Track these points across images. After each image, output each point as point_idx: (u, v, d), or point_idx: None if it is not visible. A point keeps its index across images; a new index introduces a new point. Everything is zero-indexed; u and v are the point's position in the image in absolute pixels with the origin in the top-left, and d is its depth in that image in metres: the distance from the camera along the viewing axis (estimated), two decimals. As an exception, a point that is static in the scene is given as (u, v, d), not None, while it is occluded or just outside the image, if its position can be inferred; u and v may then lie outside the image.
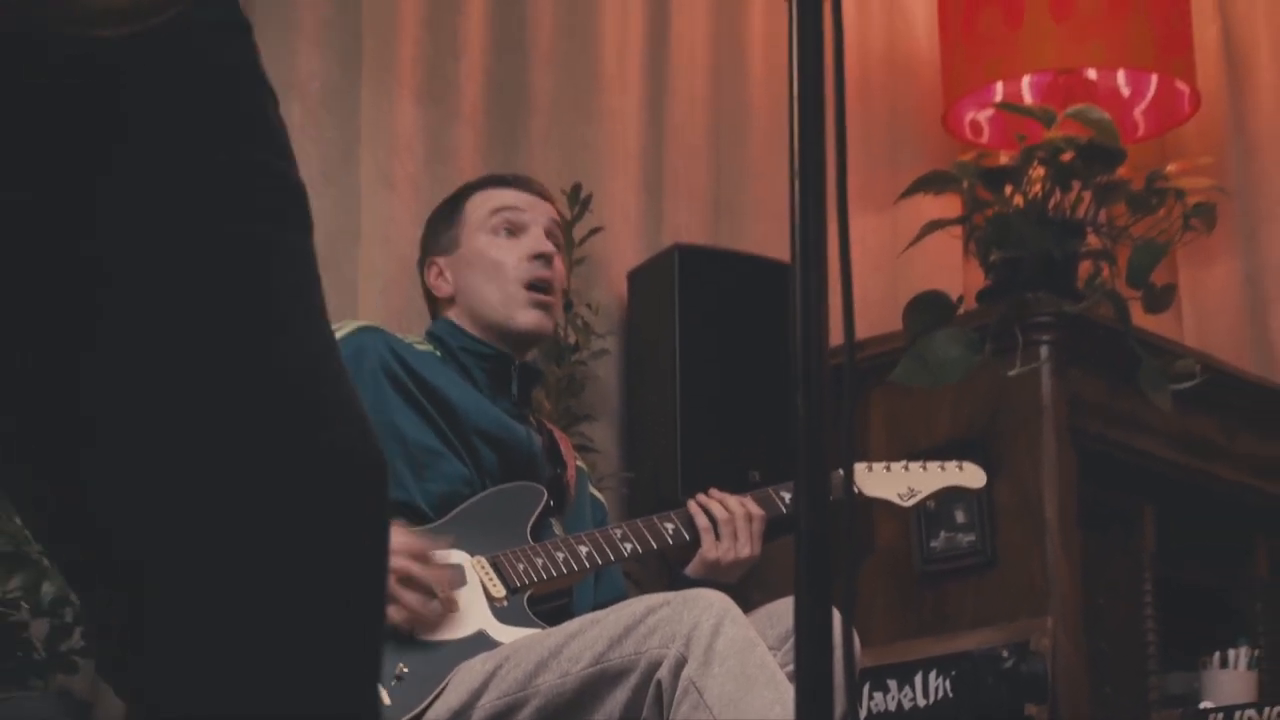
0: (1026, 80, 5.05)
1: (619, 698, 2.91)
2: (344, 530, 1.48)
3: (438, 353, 3.44)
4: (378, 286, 4.00)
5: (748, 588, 3.46)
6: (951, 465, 3.64)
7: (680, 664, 2.84)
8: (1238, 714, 3.92)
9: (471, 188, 3.62)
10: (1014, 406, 4.15)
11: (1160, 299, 4.21)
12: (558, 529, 3.39)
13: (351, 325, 3.37)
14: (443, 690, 3.03)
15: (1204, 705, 4.07)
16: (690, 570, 3.39)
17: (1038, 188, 4.31)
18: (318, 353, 1.60)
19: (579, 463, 3.62)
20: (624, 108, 4.56)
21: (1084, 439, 4.17)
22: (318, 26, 4.08)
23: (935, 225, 4.34)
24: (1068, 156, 4.24)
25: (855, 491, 3.24)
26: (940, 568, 4.21)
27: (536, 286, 3.46)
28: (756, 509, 3.41)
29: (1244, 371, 4.77)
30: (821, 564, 1.52)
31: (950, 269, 4.99)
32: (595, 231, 4.28)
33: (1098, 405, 4.23)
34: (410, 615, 3.06)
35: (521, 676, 2.97)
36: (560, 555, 3.25)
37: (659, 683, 2.86)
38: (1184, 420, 4.35)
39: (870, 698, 4.09)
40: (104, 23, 1.44)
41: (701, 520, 3.37)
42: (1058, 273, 4.27)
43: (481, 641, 3.10)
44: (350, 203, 4.05)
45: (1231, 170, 5.21)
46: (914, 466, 3.61)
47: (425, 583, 3.07)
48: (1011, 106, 4.78)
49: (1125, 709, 4.20)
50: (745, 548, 3.37)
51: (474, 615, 3.15)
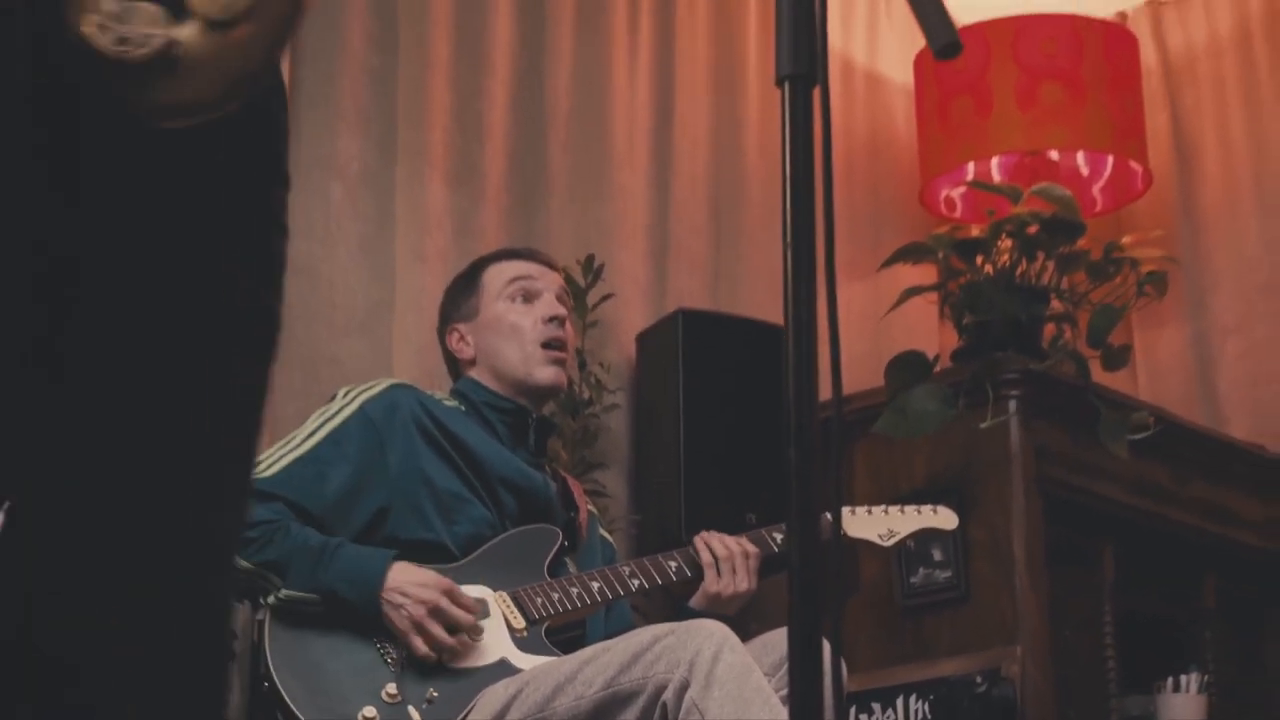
0: (995, 161, 5.06)
1: (629, 718, 2.91)
2: None
3: (463, 408, 3.44)
4: (411, 350, 4.01)
5: (745, 619, 3.44)
6: (927, 509, 3.64)
7: (684, 687, 2.83)
8: (1190, 734, 3.91)
9: (486, 260, 3.61)
10: (985, 455, 4.14)
11: (1117, 358, 4.21)
12: (572, 567, 3.39)
13: (386, 383, 3.38)
14: (469, 712, 3.03)
15: (1159, 726, 4.07)
16: (693, 603, 3.38)
17: (1006, 258, 4.31)
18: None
19: (590, 507, 3.62)
20: (632, 186, 4.57)
21: (1049, 484, 4.16)
22: (357, 114, 4.09)
23: (913, 291, 4.34)
24: (1033, 229, 4.25)
25: (841, 533, 3.24)
26: (919, 601, 4.19)
27: (552, 345, 3.46)
28: (752, 548, 3.40)
29: (1193, 423, 4.76)
30: (812, 598, 1.52)
31: (927, 331, 4.99)
32: (607, 297, 4.28)
33: (1061, 454, 4.22)
34: (439, 646, 3.05)
35: (540, 699, 2.97)
36: (575, 590, 3.24)
37: (665, 704, 2.85)
38: (1139, 467, 4.34)
39: (856, 719, 4.08)
40: (173, 117, 1.45)
41: (705, 557, 3.37)
42: (1024, 334, 4.27)
43: (504, 668, 3.10)
44: (386, 274, 4.06)
45: (1181, 242, 5.21)
46: (893, 510, 3.60)
47: (451, 617, 3.07)
48: (982, 185, 4.78)
49: (1088, 730, 4.19)
50: (743, 583, 3.37)
51: (497, 644, 3.15)
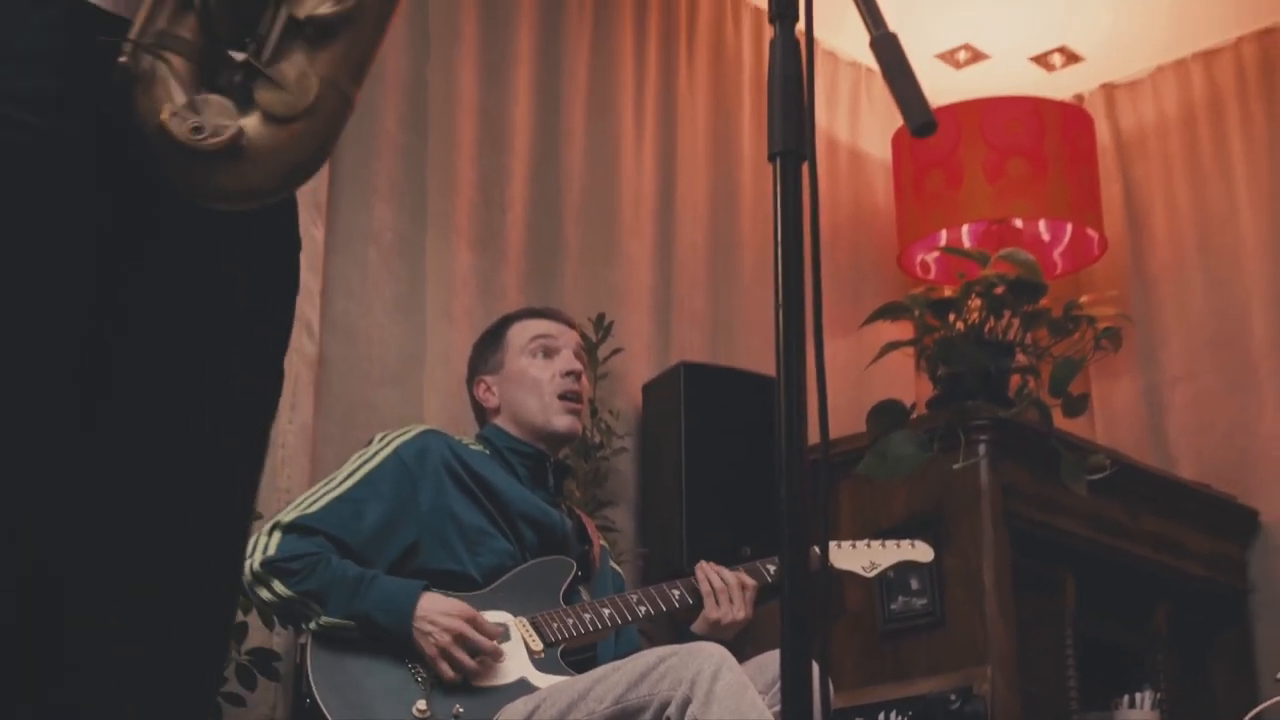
0: (965, 228, 5.06)
1: (636, 731, 2.90)
2: None
3: (487, 451, 3.43)
4: (439, 398, 4.01)
5: (741, 642, 3.43)
6: (905, 543, 3.63)
7: (686, 704, 2.82)
8: (1144, 747, 3.89)
9: (511, 318, 3.61)
10: (958, 493, 4.13)
11: (1076, 406, 4.20)
12: (585, 595, 3.38)
13: (419, 428, 3.37)
14: (492, 727, 3.02)
15: (1116, 740, 4.05)
16: (695, 628, 3.37)
17: (976, 315, 4.31)
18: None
19: (602, 541, 3.61)
20: (638, 252, 4.58)
21: (1015, 520, 4.15)
22: (391, 188, 4.10)
23: (892, 346, 4.34)
24: (1000, 290, 4.25)
25: (828, 564, 3.24)
26: (898, 626, 4.18)
27: (568, 397, 3.46)
28: (750, 580, 3.39)
29: (1145, 465, 4.76)
30: (802, 624, 1.51)
31: (905, 381, 4.99)
32: (616, 352, 4.28)
33: (1026, 492, 4.21)
34: (464, 668, 3.04)
35: (556, 715, 2.96)
36: (588, 616, 3.24)
37: (669, 719, 2.84)
38: (1097, 505, 4.33)
39: (842, 733, 4.07)
40: (234, 201, 1.45)
41: (705, 587, 3.36)
42: (992, 385, 4.27)
43: (523, 686, 3.09)
44: (417, 332, 4.06)
45: (1133, 301, 5.21)
46: (875, 544, 3.59)
47: (474, 643, 3.07)
48: (954, 250, 4.79)
49: (1052, 742, 4.17)
50: (739, 612, 3.36)
51: (517, 665, 3.14)
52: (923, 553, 3.61)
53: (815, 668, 1.55)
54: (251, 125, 1.42)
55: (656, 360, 4.48)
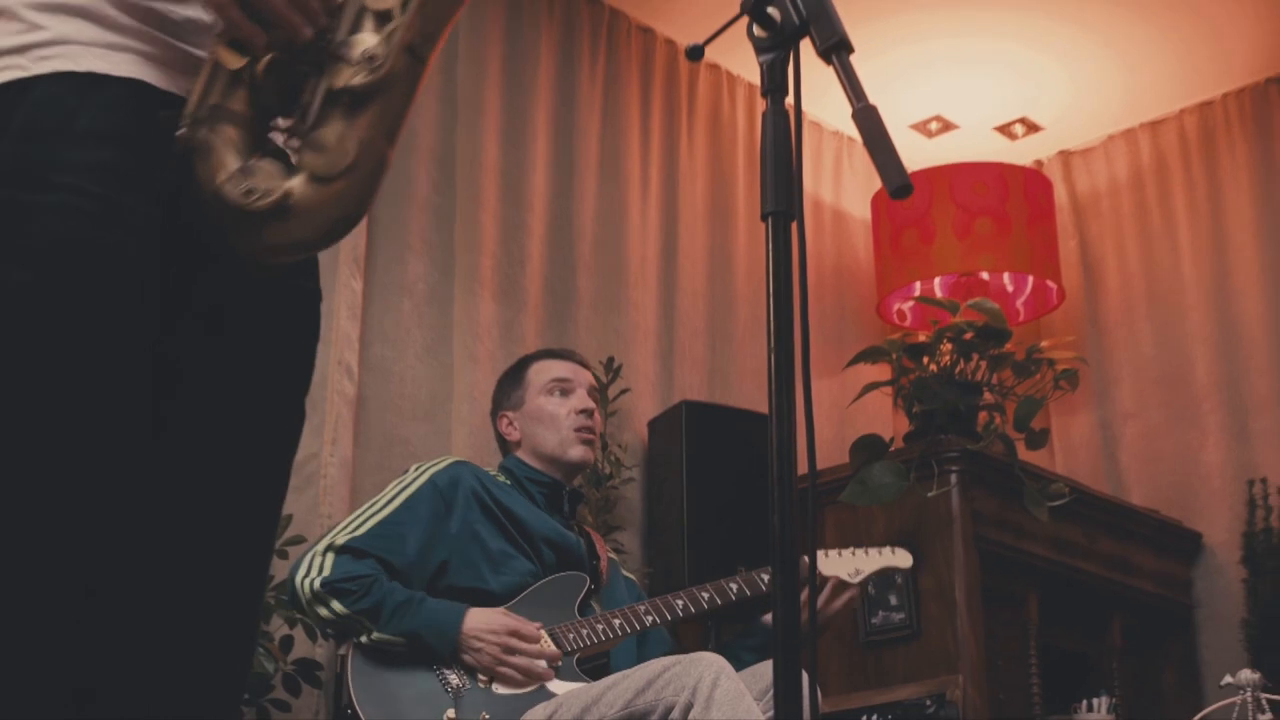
0: (938, 280, 5.07)
1: (644, 734, 2.89)
2: None
3: (508, 481, 3.43)
4: (465, 432, 4.00)
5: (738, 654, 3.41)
6: (886, 550, 3.59)
7: (688, 708, 2.81)
8: (1101, 747, 3.87)
9: (531, 359, 3.61)
10: (932, 518, 4.12)
11: (1038, 440, 4.20)
12: (597, 607, 3.37)
13: (451, 459, 3.38)
14: (513, 730, 3.01)
15: (1076, 741, 4.03)
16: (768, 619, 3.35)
17: (947, 358, 4.31)
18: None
19: (610, 554, 3.60)
20: (644, 300, 4.58)
21: (984, 542, 4.15)
22: (423, 244, 4.11)
23: (872, 386, 4.34)
24: (969, 336, 4.25)
25: (818, 573, 3.22)
26: (878, 638, 4.16)
27: (583, 430, 3.46)
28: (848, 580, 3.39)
29: (1101, 493, 4.74)
30: (793, 638, 1.51)
31: (884, 418, 4.99)
32: (624, 391, 4.28)
33: (993, 517, 4.20)
34: (518, 678, 3.05)
35: (572, 719, 2.95)
36: (600, 627, 3.23)
37: (673, 723, 2.84)
38: (1057, 528, 4.32)
39: (829, 735, 4.05)
40: (280, 255, 1.46)
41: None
42: (962, 421, 4.26)
43: (542, 693, 3.08)
44: (446, 373, 4.06)
45: (1088, 345, 5.21)
46: (859, 552, 3.55)
47: (521, 650, 3.07)
48: (927, 299, 4.79)
49: (1018, 743, 4.15)
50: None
51: (536, 673, 3.13)
52: (902, 558, 3.57)
53: (805, 676, 1.54)
54: (297, 186, 1.43)
55: (660, 399, 4.48)
